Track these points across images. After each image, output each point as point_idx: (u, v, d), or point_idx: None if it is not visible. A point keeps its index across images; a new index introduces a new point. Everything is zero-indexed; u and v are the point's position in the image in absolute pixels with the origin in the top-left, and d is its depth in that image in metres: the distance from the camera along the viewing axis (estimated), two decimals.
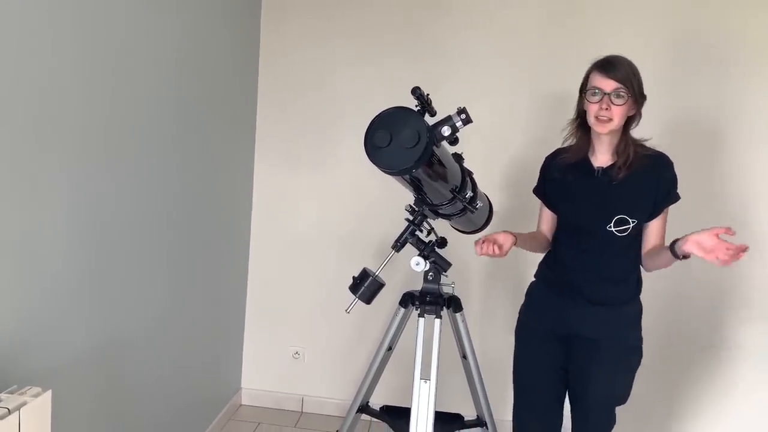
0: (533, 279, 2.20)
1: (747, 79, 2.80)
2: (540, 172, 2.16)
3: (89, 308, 1.93)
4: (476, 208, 1.93)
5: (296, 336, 3.29)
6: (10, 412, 1.29)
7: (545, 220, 2.17)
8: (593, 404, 2.03)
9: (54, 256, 1.74)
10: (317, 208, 3.21)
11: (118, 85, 1.98)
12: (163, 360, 2.45)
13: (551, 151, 2.13)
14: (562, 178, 2.02)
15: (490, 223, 2.23)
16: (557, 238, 2.11)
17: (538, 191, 2.17)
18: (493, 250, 1.88)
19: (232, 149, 2.98)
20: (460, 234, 2.30)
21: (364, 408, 2.33)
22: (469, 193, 1.88)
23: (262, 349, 3.33)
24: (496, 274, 2.43)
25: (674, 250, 1.74)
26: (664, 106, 2.81)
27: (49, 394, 1.41)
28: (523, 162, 2.71)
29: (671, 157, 1.96)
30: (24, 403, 1.33)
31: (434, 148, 1.58)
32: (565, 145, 2.05)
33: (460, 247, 2.33)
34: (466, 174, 1.89)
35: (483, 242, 1.90)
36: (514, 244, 1.97)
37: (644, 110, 1.92)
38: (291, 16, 3.14)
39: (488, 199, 2.20)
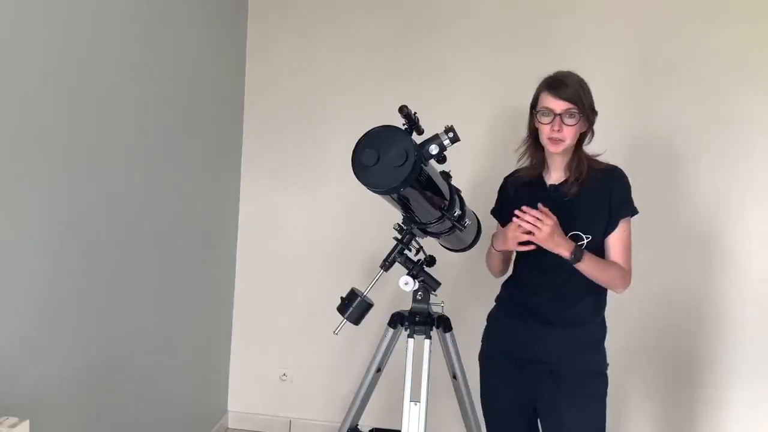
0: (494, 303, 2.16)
1: (707, 96, 2.84)
2: (498, 193, 2.14)
3: (70, 334, 1.88)
4: (465, 226, 1.92)
5: (284, 357, 3.25)
6: None
7: None
8: None
9: (33, 279, 1.70)
10: (305, 225, 3.18)
11: (102, 98, 1.96)
12: (147, 383, 2.40)
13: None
14: (515, 196, 2.00)
15: (479, 241, 2.21)
16: (516, 259, 2.08)
17: (495, 212, 2.15)
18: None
19: (217, 164, 2.96)
20: (449, 252, 2.28)
21: (354, 430, 2.29)
22: (458, 212, 1.86)
23: (249, 370, 3.28)
24: (486, 293, 2.40)
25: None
26: (626, 122, 2.85)
27: (26, 424, 1.36)
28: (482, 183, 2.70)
29: (630, 172, 1.95)
30: None
31: (422, 166, 1.57)
32: (519, 163, 2.04)
33: (449, 265, 2.31)
34: (455, 192, 1.88)
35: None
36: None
37: (606, 125, 1.92)
38: (279, 29, 3.14)
39: (477, 216, 2.18)
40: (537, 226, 1.75)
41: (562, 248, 1.78)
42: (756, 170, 2.83)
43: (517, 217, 1.79)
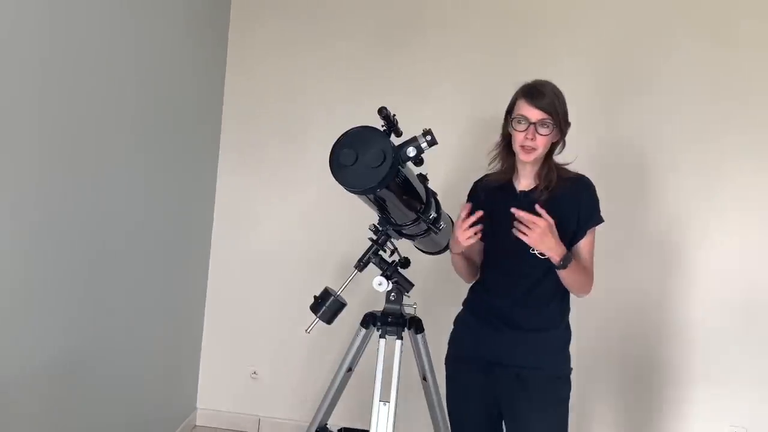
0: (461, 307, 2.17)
1: (671, 108, 2.92)
2: (468, 197, 2.13)
3: (39, 323, 1.86)
4: (440, 229, 1.94)
5: (254, 355, 3.23)
6: None
7: (473, 246, 2.14)
8: None
9: (3, 270, 1.68)
10: (279, 225, 3.18)
11: (77, 94, 1.94)
12: (116, 378, 2.38)
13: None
14: (486, 200, 2.00)
15: None
16: (483, 263, 2.09)
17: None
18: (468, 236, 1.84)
19: (194, 164, 2.94)
20: (424, 255, 2.29)
21: (323, 429, 2.29)
22: (433, 214, 1.88)
23: (219, 368, 3.26)
24: (459, 297, 2.42)
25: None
26: (596, 130, 2.92)
27: None
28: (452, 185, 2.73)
29: (597, 181, 1.99)
30: None
31: (399, 168, 1.59)
32: (490, 166, 2.06)
33: (423, 267, 2.32)
34: (431, 195, 1.90)
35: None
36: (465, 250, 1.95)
37: (578, 136, 1.95)
38: (259, 27, 3.14)
39: (452, 220, 2.20)
40: (531, 225, 1.75)
41: (554, 252, 1.79)
42: (718, 179, 2.91)
43: (515, 216, 1.78)
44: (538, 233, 1.75)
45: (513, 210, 1.77)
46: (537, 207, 1.78)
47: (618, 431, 3.06)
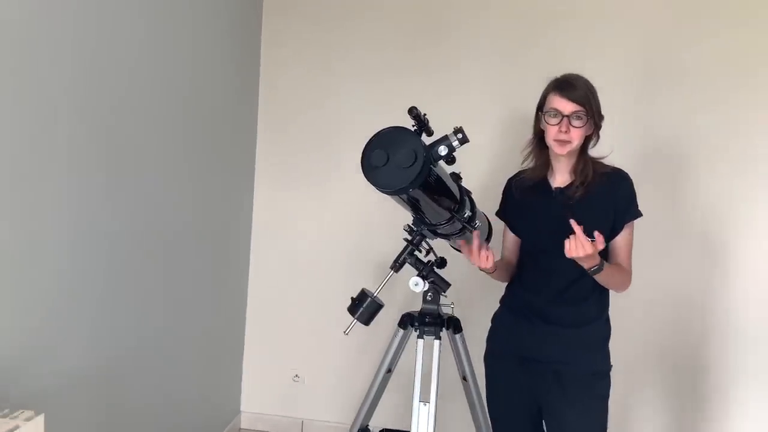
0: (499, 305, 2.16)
1: (715, 100, 2.83)
2: (502, 194, 2.14)
3: (85, 330, 1.91)
4: (475, 228, 1.92)
5: (296, 358, 3.27)
6: None
7: (509, 244, 2.13)
8: None
9: (48, 276, 1.73)
10: (317, 228, 3.20)
11: (119, 101, 2.00)
12: (160, 382, 2.43)
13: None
14: (521, 199, 2.01)
15: (489, 243, 2.22)
16: (520, 260, 2.08)
17: (500, 214, 2.15)
18: (486, 258, 1.87)
19: (231, 168, 2.99)
20: (460, 254, 2.28)
21: (364, 431, 2.30)
22: (468, 213, 1.87)
23: (261, 372, 3.30)
24: (497, 296, 2.41)
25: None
26: (633, 125, 2.86)
27: (41, 418, 1.39)
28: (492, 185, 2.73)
29: (637, 174, 1.95)
30: (16, 428, 1.31)
31: (431, 167, 1.58)
32: (524, 164, 2.04)
33: (460, 267, 2.31)
34: (465, 193, 1.88)
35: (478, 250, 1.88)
36: (493, 269, 1.96)
37: (613, 130, 1.91)
38: (292, 35, 3.16)
39: (487, 218, 2.19)
40: (579, 248, 1.72)
41: (587, 262, 1.76)
42: (763, 175, 2.81)
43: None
44: (583, 251, 1.71)
45: (571, 222, 1.72)
46: (572, 222, 1.74)
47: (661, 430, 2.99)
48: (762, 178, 2.81)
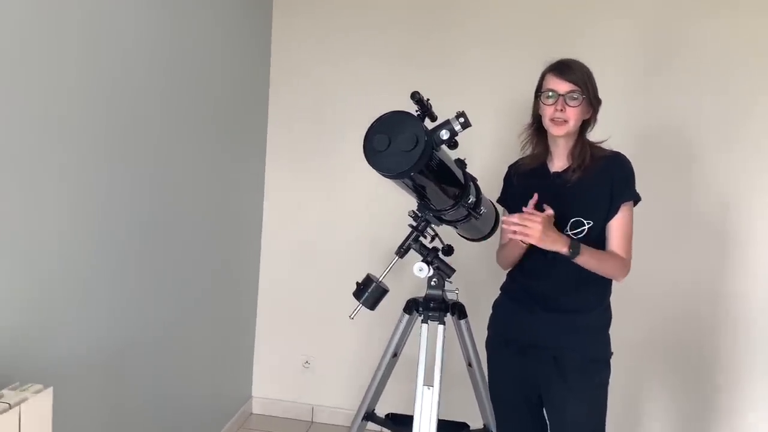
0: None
1: (717, 87, 2.81)
2: (503, 182, 2.14)
3: (95, 309, 1.96)
4: (480, 214, 1.93)
5: (306, 344, 3.30)
6: (10, 407, 1.32)
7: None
8: (568, 427, 1.94)
9: (60, 254, 1.77)
10: (327, 215, 3.23)
11: (127, 92, 2.03)
12: (171, 365, 2.47)
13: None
14: (520, 184, 2.01)
15: (497, 231, 2.22)
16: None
17: (501, 200, 2.15)
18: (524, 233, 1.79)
19: (242, 157, 3.02)
20: (467, 241, 2.29)
21: (370, 416, 2.33)
22: (472, 199, 1.88)
23: (273, 357, 3.35)
24: (502, 281, 2.42)
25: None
26: (635, 113, 2.84)
27: (50, 391, 1.43)
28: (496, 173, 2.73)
29: (640, 163, 1.94)
30: (25, 399, 1.36)
31: (433, 151, 1.59)
32: (522, 151, 2.04)
33: (466, 253, 2.32)
34: (469, 179, 1.89)
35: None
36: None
37: (615, 116, 1.90)
38: (302, 21, 3.18)
39: (494, 206, 2.19)
40: (525, 229, 1.74)
41: (559, 244, 1.78)
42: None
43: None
44: (538, 231, 1.74)
45: (503, 218, 1.79)
46: (524, 208, 1.78)
47: (668, 421, 2.97)
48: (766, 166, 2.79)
